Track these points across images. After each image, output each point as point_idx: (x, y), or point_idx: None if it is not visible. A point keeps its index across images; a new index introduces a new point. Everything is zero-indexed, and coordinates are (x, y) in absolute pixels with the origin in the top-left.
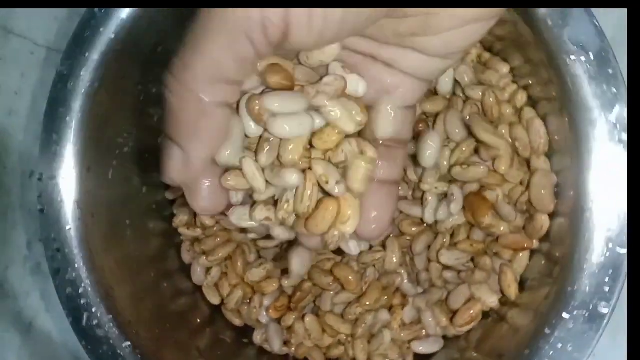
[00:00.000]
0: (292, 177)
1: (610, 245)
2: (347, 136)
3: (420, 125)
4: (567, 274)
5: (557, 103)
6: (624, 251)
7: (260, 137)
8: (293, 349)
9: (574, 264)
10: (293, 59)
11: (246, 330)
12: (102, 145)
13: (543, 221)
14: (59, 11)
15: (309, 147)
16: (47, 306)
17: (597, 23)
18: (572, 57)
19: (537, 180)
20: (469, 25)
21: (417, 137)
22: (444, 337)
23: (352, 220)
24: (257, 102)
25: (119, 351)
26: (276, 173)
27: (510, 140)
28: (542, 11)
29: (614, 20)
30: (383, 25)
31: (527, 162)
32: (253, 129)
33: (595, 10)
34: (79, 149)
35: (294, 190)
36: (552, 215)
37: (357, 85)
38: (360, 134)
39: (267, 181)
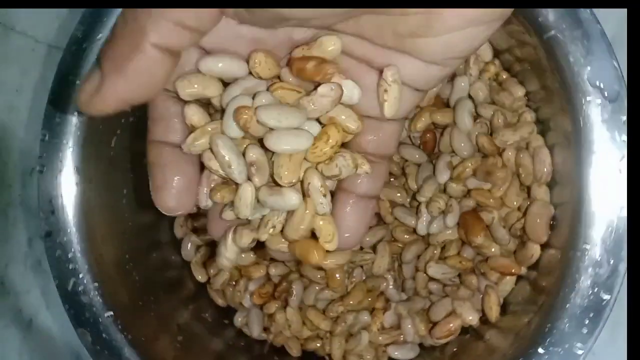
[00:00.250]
0: (292, 199)
1: (596, 289)
2: (341, 148)
3: (428, 134)
4: (549, 309)
5: (566, 136)
6: (608, 296)
7: (244, 154)
8: (271, 336)
9: (558, 301)
10: (285, 54)
11: (228, 312)
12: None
13: (534, 250)
14: (60, 9)
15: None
16: (48, 303)
17: (617, 66)
18: (588, 98)
19: (535, 210)
20: (471, 28)
21: (424, 145)
22: (420, 346)
23: (335, 239)
24: (249, 113)
25: (100, 319)
26: (274, 193)
27: (515, 166)
28: (565, 48)
29: (615, 20)
30: (382, 24)
31: (528, 189)
32: (236, 131)
33: (595, 10)
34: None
35: (282, 213)
36: (544, 246)
37: (352, 92)
38: (344, 146)
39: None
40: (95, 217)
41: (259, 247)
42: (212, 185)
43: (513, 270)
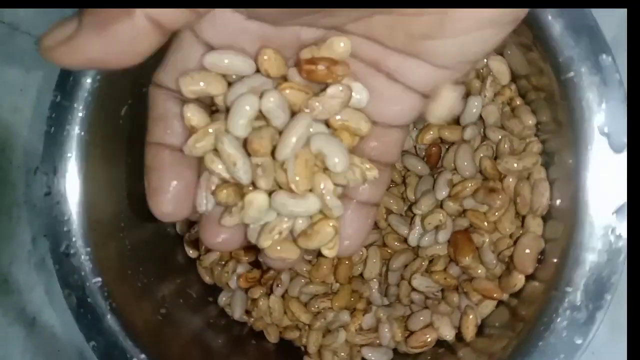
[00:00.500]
0: (315, 203)
1: (571, 333)
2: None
3: (433, 148)
4: (524, 341)
5: (568, 174)
6: (581, 341)
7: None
8: (252, 320)
9: (533, 336)
10: (292, 55)
11: (214, 290)
12: None
13: (518, 280)
14: (64, 9)
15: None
16: (51, 301)
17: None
18: (594, 145)
19: (525, 241)
20: (485, 30)
21: (428, 158)
22: (395, 351)
23: (336, 245)
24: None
25: (87, 284)
26: (296, 197)
27: (513, 194)
28: (581, 92)
29: (616, 20)
30: (394, 25)
31: (523, 219)
32: (242, 130)
33: (596, 10)
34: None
35: (289, 220)
36: (528, 277)
37: (361, 95)
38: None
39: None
40: (95, 183)
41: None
42: (214, 187)
43: (495, 295)
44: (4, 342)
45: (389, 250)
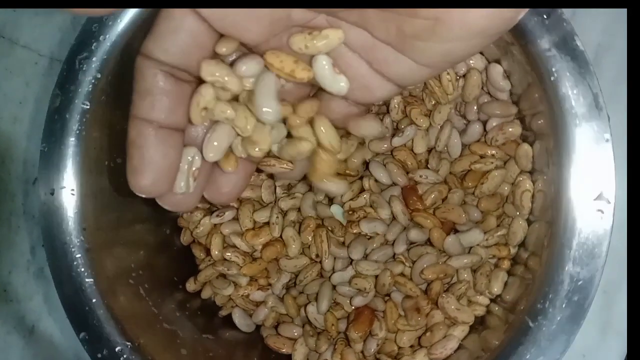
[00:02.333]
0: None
1: None
2: None
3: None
4: None
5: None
6: None
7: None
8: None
9: None
10: (280, 32)
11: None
12: None
13: None
14: (62, 22)
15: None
16: (50, 310)
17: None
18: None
19: None
20: (473, 39)
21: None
22: None
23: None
24: None
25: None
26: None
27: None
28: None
29: (601, 25)
30: (388, 19)
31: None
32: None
33: (581, 17)
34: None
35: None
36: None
37: (342, 87)
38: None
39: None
40: (96, 158)
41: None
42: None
43: None
44: (3, 350)
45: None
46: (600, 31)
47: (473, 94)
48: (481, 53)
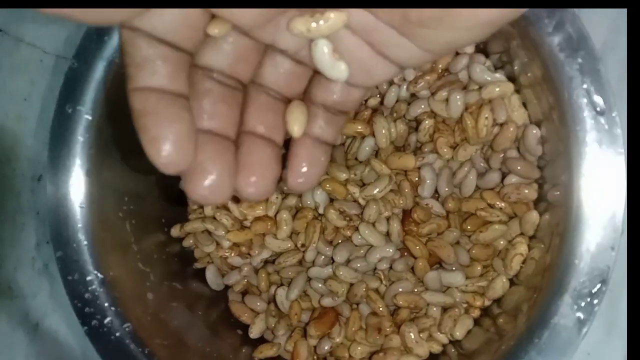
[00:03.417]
0: None
1: None
2: None
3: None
4: None
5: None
6: None
7: None
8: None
9: None
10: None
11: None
12: None
13: None
14: (67, 20)
15: None
16: (55, 306)
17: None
18: None
19: None
20: (480, 29)
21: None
22: None
23: None
24: None
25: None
26: None
27: None
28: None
29: (605, 26)
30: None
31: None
32: None
33: (587, 14)
34: None
35: None
36: None
37: (342, 73)
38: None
39: None
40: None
41: None
42: None
43: None
44: (8, 347)
45: None
46: (606, 29)
47: (503, 145)
48: (525, 107)
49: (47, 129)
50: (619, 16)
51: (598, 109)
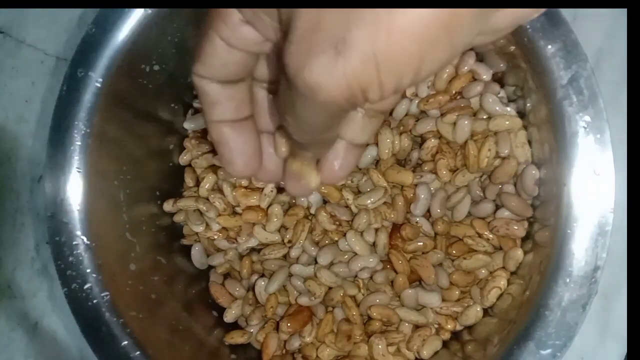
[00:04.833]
0: None
1: None
2: None
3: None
4: None
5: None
6: None
7: None
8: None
9: None
10: None
11: None
12: None
13: None
14: (68, 22)
15: None
16: (54, 307)
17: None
18: None
19: None
20: (491, 35)
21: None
22: None
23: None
24: None
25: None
26: None
27: None
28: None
29: (602, 29)
30: None
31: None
32: None
33: (582, 20)
34: None
35: None
36: None
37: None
38: None
39: None
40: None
41: None
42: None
43: None
44: (7, 347)
45: None
46: (602, 35)
47: (501, 179)
48: (530, 144)
49: (48, 131)
50: (613, 22)
51: (595, 171)
